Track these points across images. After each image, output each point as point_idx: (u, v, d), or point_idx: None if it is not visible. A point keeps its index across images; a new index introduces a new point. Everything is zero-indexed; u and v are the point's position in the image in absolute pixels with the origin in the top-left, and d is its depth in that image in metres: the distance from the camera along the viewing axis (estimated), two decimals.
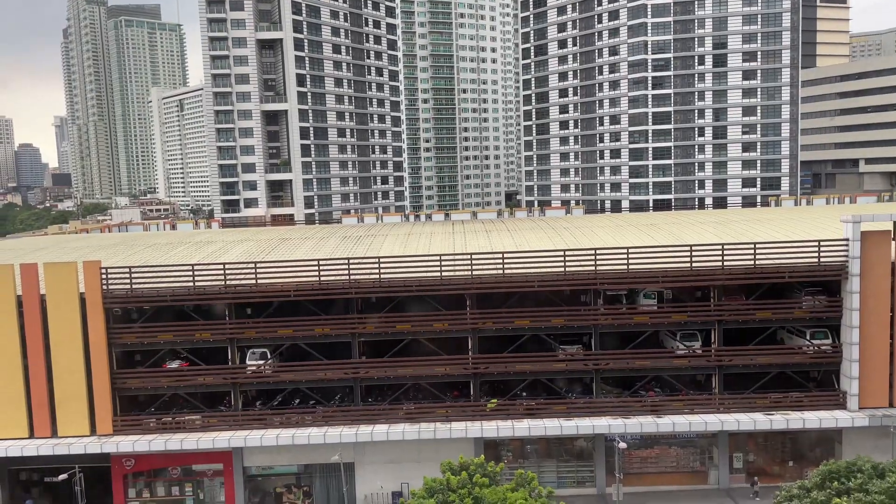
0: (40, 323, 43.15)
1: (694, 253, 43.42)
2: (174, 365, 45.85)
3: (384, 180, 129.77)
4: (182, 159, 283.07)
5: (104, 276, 43.21)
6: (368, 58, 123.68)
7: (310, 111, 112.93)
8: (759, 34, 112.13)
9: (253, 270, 44.01)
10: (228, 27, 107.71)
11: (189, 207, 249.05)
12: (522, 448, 45.85)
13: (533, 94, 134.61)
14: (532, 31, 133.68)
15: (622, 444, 40.86)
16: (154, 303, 44.65)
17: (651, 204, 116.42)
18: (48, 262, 43.93)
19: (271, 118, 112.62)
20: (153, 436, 43.40)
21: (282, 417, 44.45)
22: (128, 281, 43.61)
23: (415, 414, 44.23)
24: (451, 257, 44.53)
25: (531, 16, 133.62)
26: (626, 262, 43.51)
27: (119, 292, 43.56)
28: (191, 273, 43.71)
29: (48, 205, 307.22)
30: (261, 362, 45.30)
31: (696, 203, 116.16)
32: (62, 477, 39.88)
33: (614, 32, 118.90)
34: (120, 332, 44.21)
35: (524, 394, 46.15)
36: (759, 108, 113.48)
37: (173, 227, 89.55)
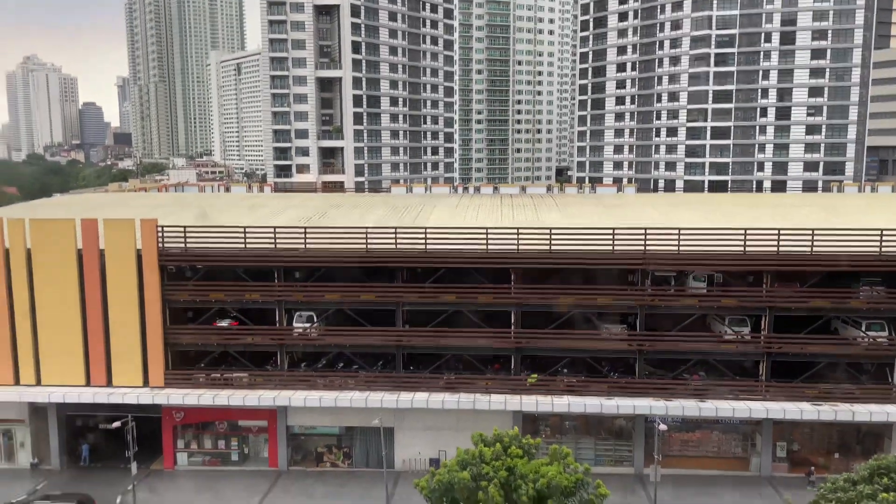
0: (99, 277, 44.82)
1: (748, 237, 42.27)
2: (224, 324, 47.20)
3: (434, 151, 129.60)
4: (238, 123, 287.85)
5: (160, 235, 44.53)
6: (424, 27, 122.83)
7: (363, 79, 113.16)
8: (831, 12, 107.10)
9: (302, 235, 44.73)
10: None
11: (243, 171, 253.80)
12: (561, 424, 45.91)
13: (589, 68, 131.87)
14: (592, 4, 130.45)
15: (662, 426, 40.50)
16: (207, 262, 45.90)
17: (706, 185, 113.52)
18: (108, 219, 45.43)
19: (325, 85, 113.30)
20: (202, 390, 44.93)
21: (325, 380, 45.43)
22: (182, 240, 44.89)
23: (455, 384, 44.66)
24: (497, 231, 44.40)
25: None
26: (676, 243, 42.66)
27: (174, 250, 44.87)
28: (243, 235, 44.69)
29: (109, 163, 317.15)
30: (307, 325, 46.26)
31: (754, 186, 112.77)
32: (116, 425, 41.67)
33: (677, 6, 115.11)
34: (174, 289, 45.61)
35: (565, 370, 46.07)
36: (826, 89, 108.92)
37: (227, 190, 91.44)
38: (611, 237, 43.04)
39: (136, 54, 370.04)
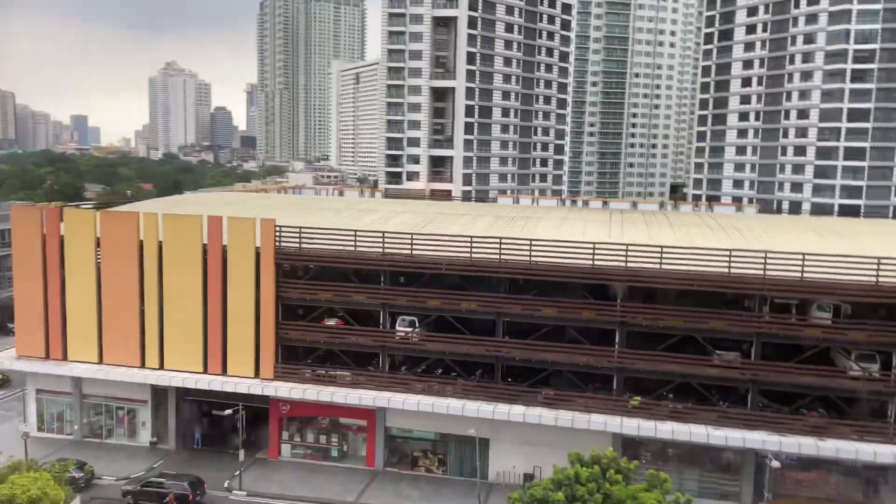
0: (220, 271, 47.57)
1: (882, 266, 39.01)
2: (331, 322, 48.82)
3: (543, 163, 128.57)
4: (354, 130, 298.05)
5: (277, 234, 46.74)
6: (540, 38, 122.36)
7: (476, 89, 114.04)
8: None
9: (409, 241, 45.56)
10: (407, 3, 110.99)
11: (356, 176, 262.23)
12: (663, 451, 44.07)
13: (712, 82, 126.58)
14: (718, 15, 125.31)
15: (775, 463, 38.03)
16: (318, 262, 47.70)
17: (836, 209, 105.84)
18: (231, 217, 48.19)
19: (439, 94, 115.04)
20: (307, 386, 46.62)
21: (424, 385, 45.95)
22: (297, 240, 46.88)
23: (554, 400, 43.93)
24: (605, 246, 43.38)
25: None
26: (800, 269, 40.04)
27: (289, 250, 46.95)
28: (353, 238, 46.11)
29: (235, 164, 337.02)
30: (409, 329, 47.01)
31: (891, 212, 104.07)
32: (227, 412, 44.01)
33: (812, 19, 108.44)
34: (287, 286, 47.69)
35: (671, 395, 44.22)
36: None
37: (341, 194, 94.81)
38: (727, 259, 40.99)
39: (265, 63, 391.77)
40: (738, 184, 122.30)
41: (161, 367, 48.75)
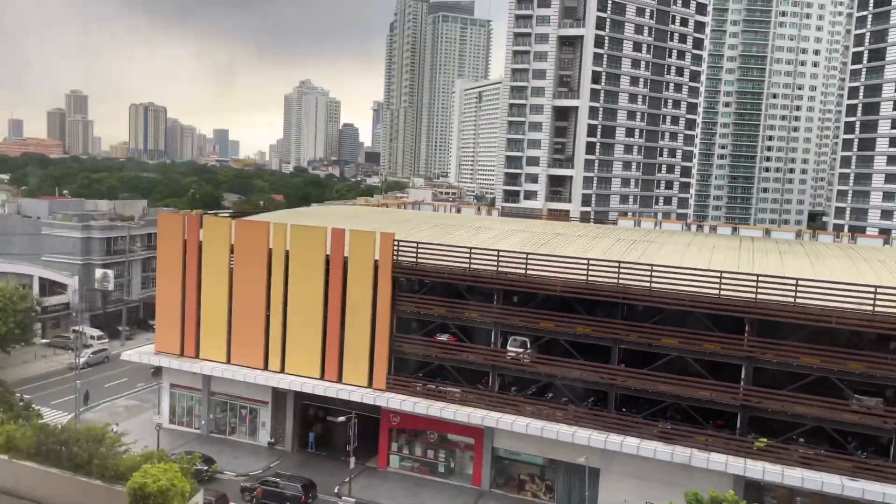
0: (341, 281, 49.25)
1: None
2: (443, 338, 49.19)
3: (668, 185, 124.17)
4: (474, 148, 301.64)
5: (396, 248, 47.80)
6: (670, 57, 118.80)
7: (600, 109, 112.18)
8: None
9: (524, 260, 45.17)
10: (533, 23, 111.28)
11: (474, 193, 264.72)
12: (790, 498, 40.77)
13: (860, 105, 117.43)
14: (868, 34, 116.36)
15: None
16: (433, 278, 48.28)
17: None
18: (353, 230, 49.84)
19: (561, 113, 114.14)
20: (417, 399, 47.12)
21: (534, 407, 45.18)
22: (414, 254, 47.73)
23: (671, 434, 41.86)
24: (733, 275, 40.98)
25: (869, 16, 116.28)
26: None
27: (406, 264, 47.87)
28: (468, 255, 46.33)
29: (359, 178, 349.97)
30: (520, 350, 46.49)
31: None
32: (341, 419, 45.28)
33: None
34: (402, 299, 48.59)
35: (801, 440, 40.91)
36: None
37: (458, 210, 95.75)
38: (872, 296, 37.54)
39: (392, 81, 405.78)
40: (886, 214, 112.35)
41: (282, 370, 50.94)
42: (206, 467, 45.75)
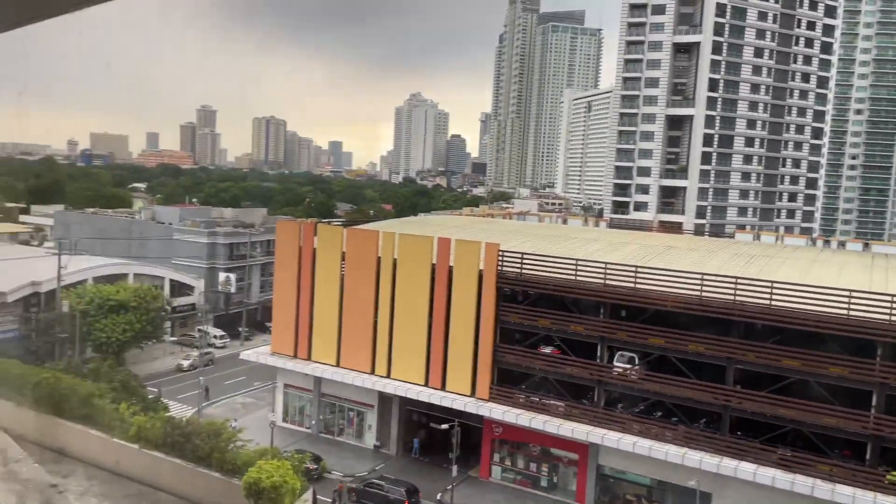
0: (446, 290, 49.84)
1: None
2: (547, 350, 48.63)
3: (791, 197, 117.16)
4: (582, 158, 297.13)
5: (500, 258, 47.85)
6: (794, 62, 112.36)
7: (717, 117, 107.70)
8: None
9: (633, 274, 43.95)
10: (647, 31, 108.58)
11: (581, 204, 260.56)
12: None
13: None
14: None
15: None
16: (538, 289, 47.88)
17: None
18: (459, 239, 50.36)
19: (674, 123, 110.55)
20: (520, 411, 46.79)
21: (642, 426, 43.76)
22: (519, 265, 47.57)
23: (790, 462, 39.30)
24: (864, 295, 38.04)
25: None
26: None
27: (510, 274, 47.78)
28: (574, 267, 45.62)
29: (465, 189, 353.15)
30: (628, 366, 45.19)
31: None
32: (444, 426, 45.70)
33: None
34: (506, 310, 48.51)
35: None
36: None
37: (564, 222, 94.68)
38: None
39: (500, 92, 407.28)
40: None
41: (388, 375, 52.11)
42: (314, 466, 47.45)
